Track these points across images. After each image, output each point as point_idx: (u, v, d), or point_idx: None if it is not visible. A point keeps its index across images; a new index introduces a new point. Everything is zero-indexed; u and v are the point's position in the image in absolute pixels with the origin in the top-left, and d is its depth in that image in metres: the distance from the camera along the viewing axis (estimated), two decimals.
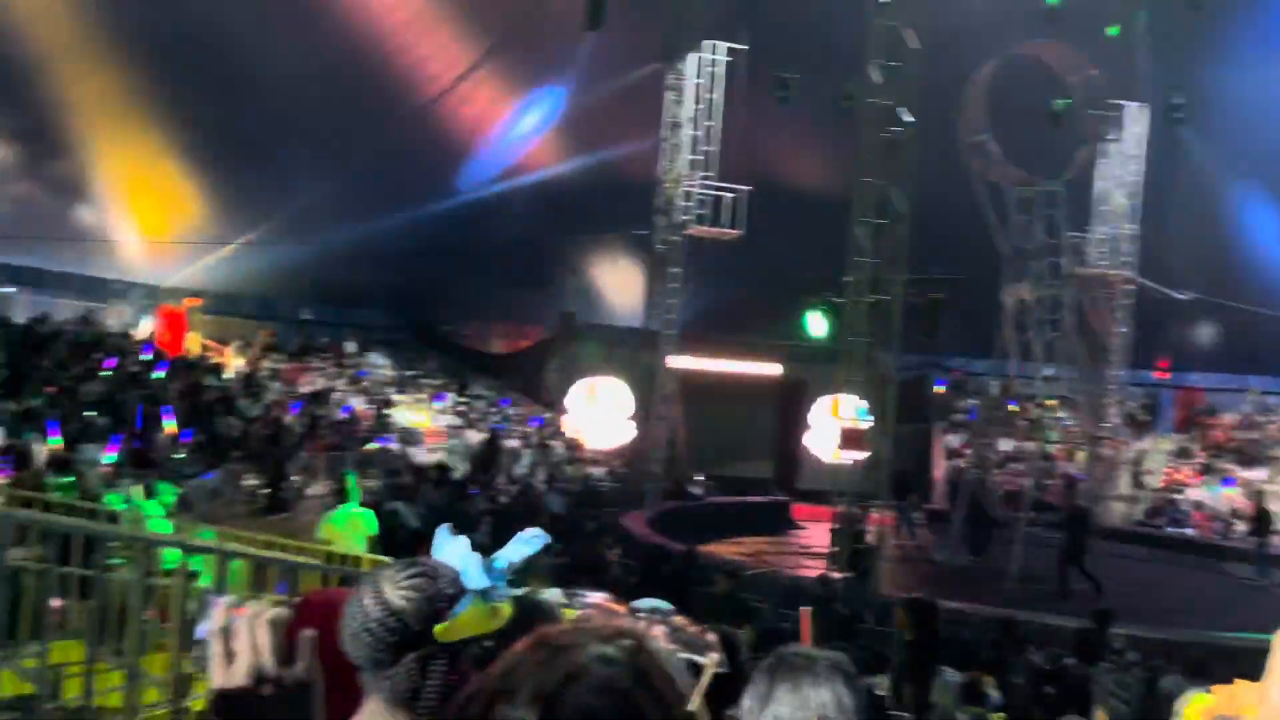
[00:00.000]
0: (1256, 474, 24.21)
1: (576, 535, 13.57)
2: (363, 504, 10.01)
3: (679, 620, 2.21)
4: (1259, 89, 21.75)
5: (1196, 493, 23.36)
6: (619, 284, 25.87)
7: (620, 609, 2.52)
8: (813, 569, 15.21)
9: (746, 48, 18.60)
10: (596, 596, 5.06)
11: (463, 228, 22.78)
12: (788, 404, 24.54)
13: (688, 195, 18.97)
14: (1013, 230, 18.29)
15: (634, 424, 21.82)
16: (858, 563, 13.78)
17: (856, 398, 15.02)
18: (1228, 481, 23.91)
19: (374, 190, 21.64)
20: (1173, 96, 21.39)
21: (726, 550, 16.34)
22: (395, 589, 1.58)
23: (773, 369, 23.86)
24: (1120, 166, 20.98)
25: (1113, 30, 21.15)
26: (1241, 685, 1.84)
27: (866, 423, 15.09)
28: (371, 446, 17.12)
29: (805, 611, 7.37)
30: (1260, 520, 18.18)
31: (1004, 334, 18.07)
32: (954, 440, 26.11)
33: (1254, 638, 10.97)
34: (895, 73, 13.77)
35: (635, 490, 19.19)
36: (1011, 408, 22.05)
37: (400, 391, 21.87)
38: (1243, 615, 12.49)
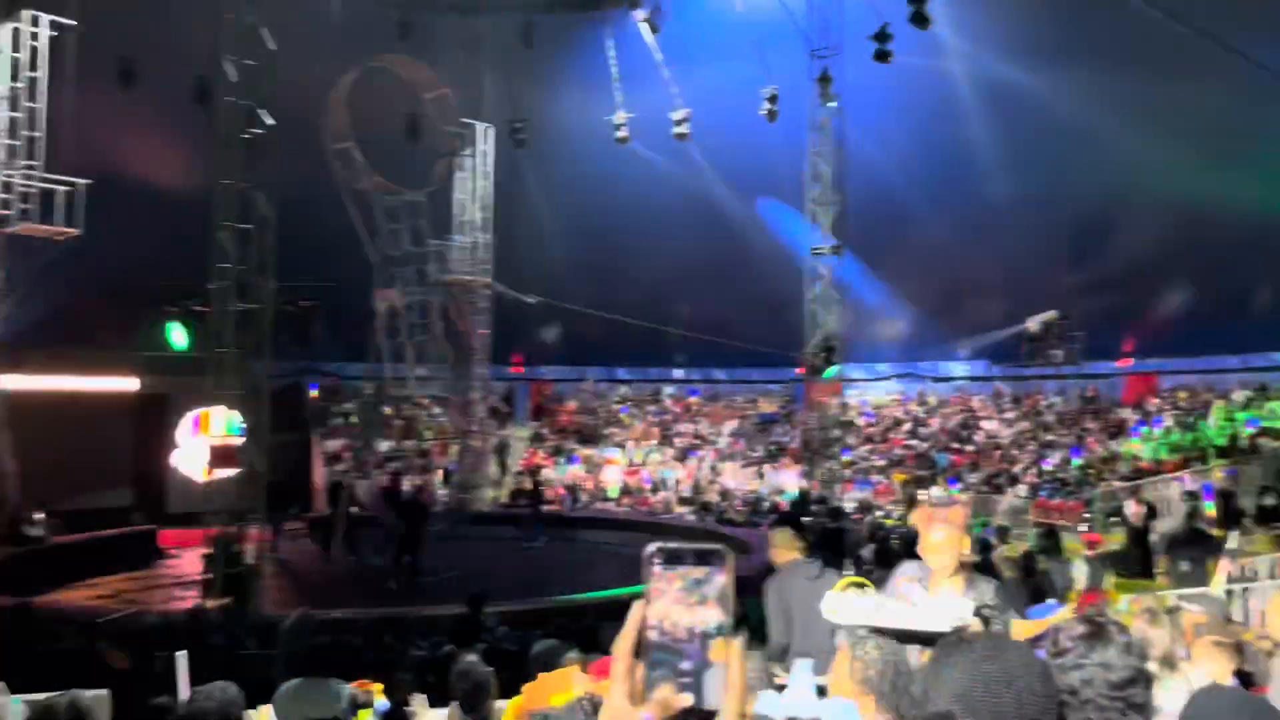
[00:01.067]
0: (592, 450, 28.29)
1: None
2: None
3: None
4: (583, 117, 25.24)
5: (550, 472, 26.48)
6: None
7: None
8: (188, 600, 14.05)
9: (76, 23, 16.33)
10: None
11: None
12: (147, 422, 22.13)
13: (7, 187, 16.09)
14: (381, 238, 18.81)
15: None
16: (235, 586, 13.01)
17: (227, 410, 14.13)
18: (573, 459, 27.59)
19: None
20: (514, 120, 23.97)
21: (79, 596, 14.31)
22: None
23: (127, 383, 21.38)
24: (474, 181, 22.90)
25: (458, 55, 23.02)
26: (553, 677, 2.07)
27: (238, 437, 14.28)
28: None
29: (180, 656, 6.72)
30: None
31: (377, 338, 18.54)
32: (333, 445, 26.13)
33: (600, 595, 12.80)
34: (253, 71, 13.20)
35: None
36: (387, 409, 22.70)
37: None
38: (600, 575, 14.25)
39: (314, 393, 26.80)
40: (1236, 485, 17.23)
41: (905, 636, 3.87)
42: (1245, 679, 4.56)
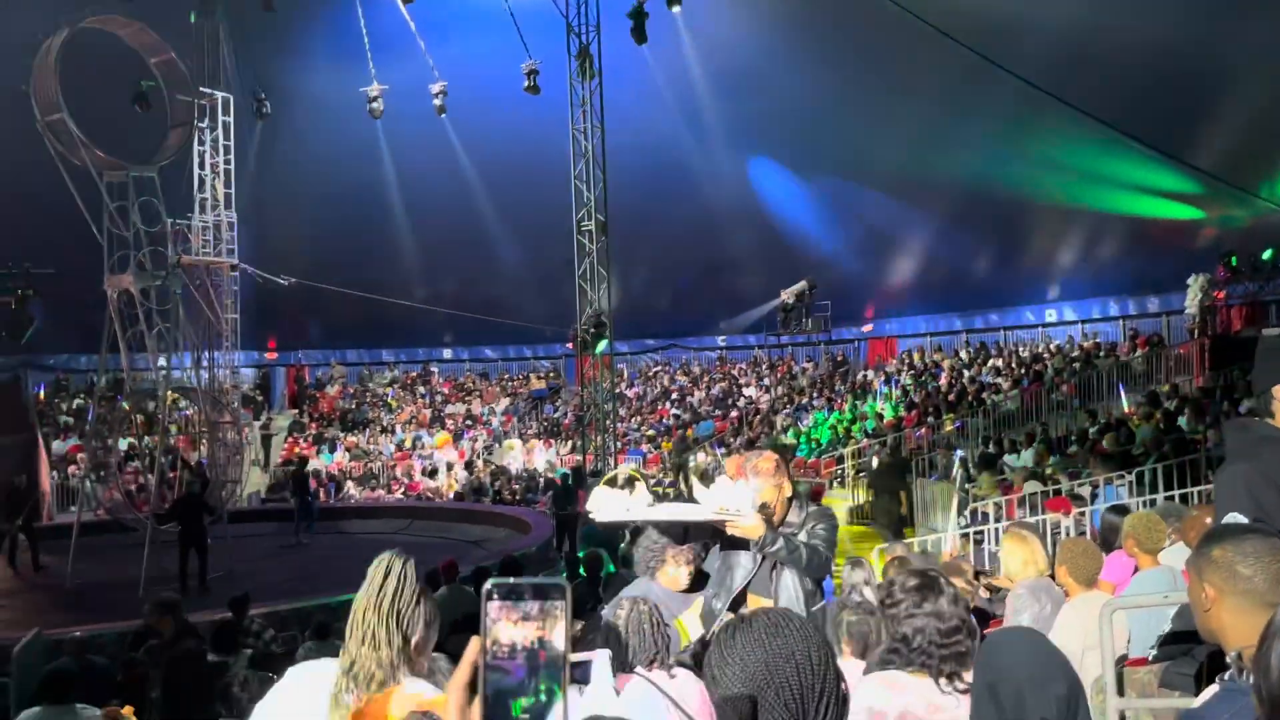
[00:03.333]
0: (358, 437, 27.29)
1: None
2: None
3: None
4: (334, 87, 24.05)
5: (313, 462, 25.28)
6: None
7: None
8: None
9: None
10: None
11: None
12: None
13: None
14: (106, 218, 17.09)
15: None
16: None
17: None
18: (335, 447, 26.50)
19: None
20: (258, 90, 22.47)
21: None
22: None
23: None
24: (214, 155, 21.27)
25: (192, 17, 21.26)
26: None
27: None
28: None
29: None
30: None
31: (110, 327, 16.86)
32: (62, 446, 23.74)
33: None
34: None
35: None
36: (125, 404, 20.80)
37: None
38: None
39: (39, 393, 24.22)
40: (963, 437, 19.07)
41: (672, 528, 4.03)
42: (981, 615, 5.04)
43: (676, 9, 19.69)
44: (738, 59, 24.42)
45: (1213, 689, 2.13)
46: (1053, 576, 5.36)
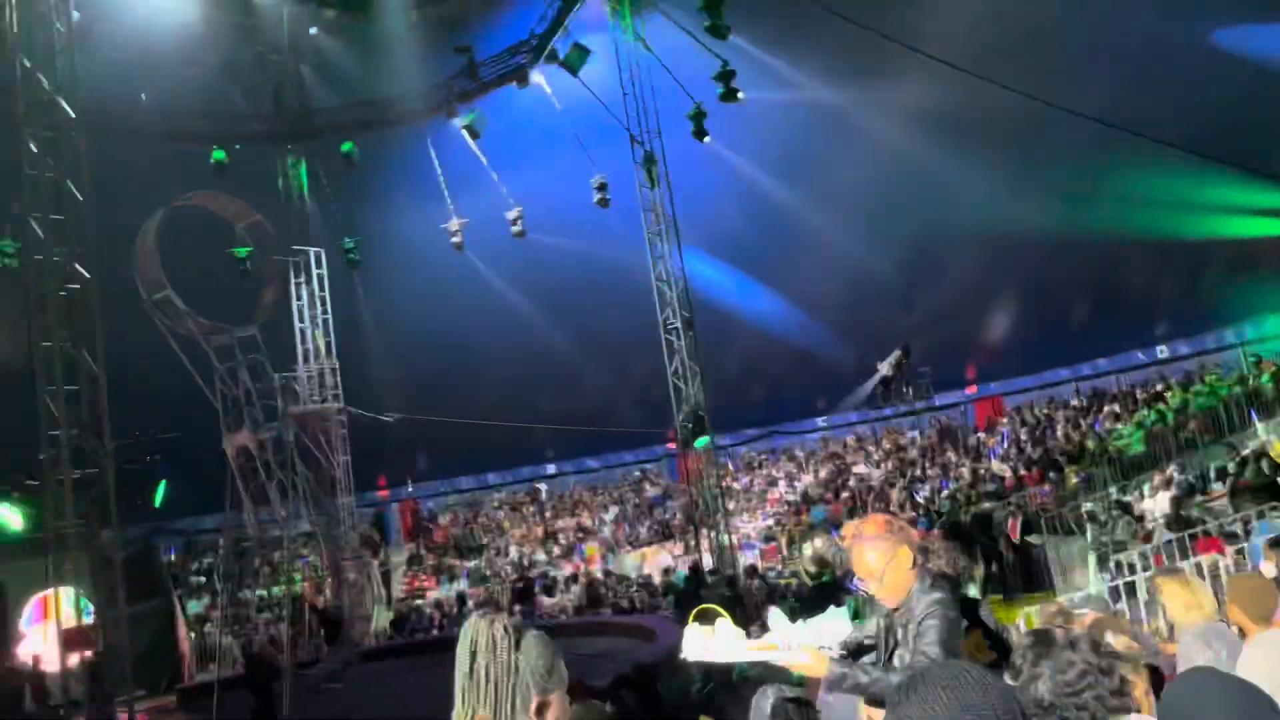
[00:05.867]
0: (474, 562, 27.46)
1: None
2: None
3: None
4: (416, 228, 25.14)
5: (434, 593, 25.50)
6: None
7: None
8: None
9: None
10: None
11: None
12: None
13: None
14: (218, 380, 17.95)
15: None
16: None
17: (72, 589, 12.97)
18: (463, 574, 26.65)
19: None
20: (345, 241, 23.61)
21: None
22: None
23: None
24: (312, 307, 22.30)
25: (279, 183, 22.66)
26: None
27: (89, 616, 13.12)
28: None
29: None
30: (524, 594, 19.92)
31: (232, 484, 17.52)
32: (197, 605, 24.44)
33: None
34: (60, 226, 12.53)
35: None
36: (254, 558, 21.42)
37: None
38: None
39: (171, 557, 25.15)
40: (1089, 489, 18.20)
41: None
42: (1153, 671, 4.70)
43: (739, 98, 19.99)
44: (797, 137, 24.74)
45: None
46: (1223, 620, 5.01)
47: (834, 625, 3.45)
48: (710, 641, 3.22)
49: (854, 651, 3.43)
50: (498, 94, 22.44)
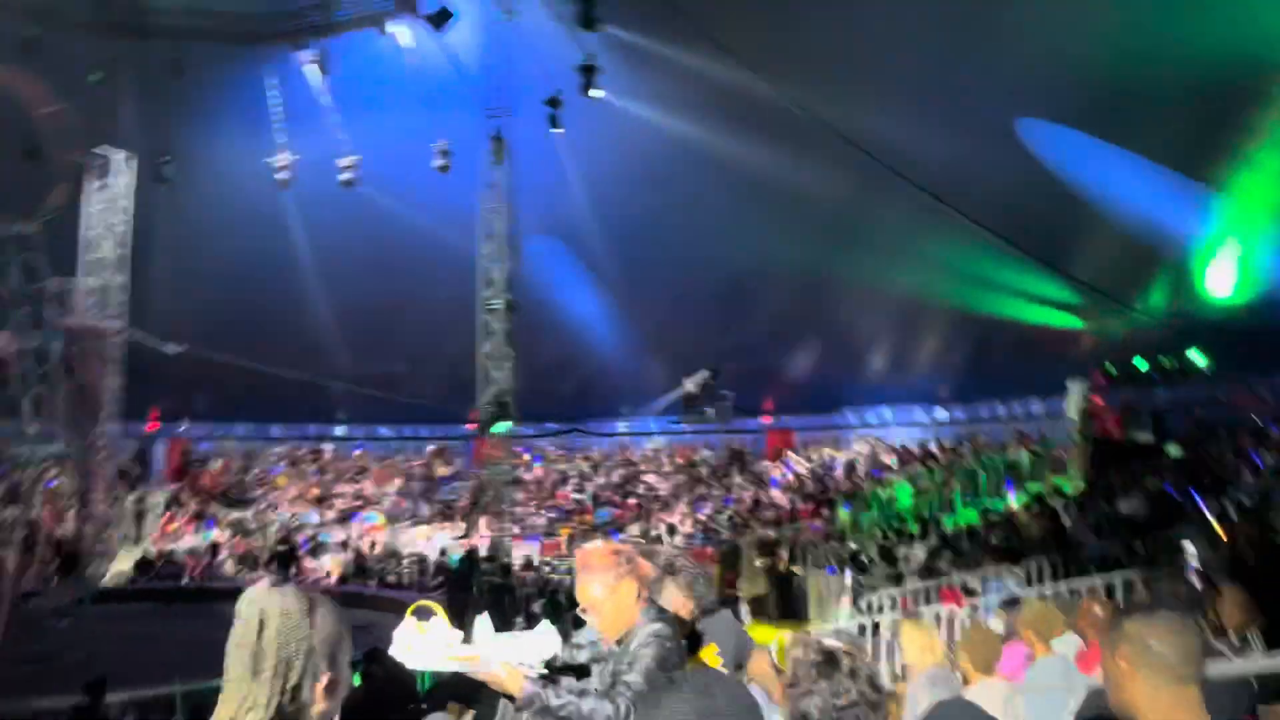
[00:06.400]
0: (239, 514, 26.12)
1: None
2: None
3: None
4: (239, 155, 23.67)
5: (190, 539, 24.04)
6: None
7: None
8: None
9: None
10: None
11: None
12: None
13: None
14: None
15: None
16: None
17: None
18: (209, 524, 25.23)
19: None
20: (160, 152, 21.97)
21: None
22: None
23: None
24: (109, 215, 20.60)
25: (93, 77, 20.80)
26: None
27: None
28: None
29: None
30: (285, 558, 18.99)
31: None
32: None
33: None
34: None
35: None
36: None
37: None
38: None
39: None
40: (859, 530, 19.33)
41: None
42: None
43: (597, 94, 20.03)
44: (648, 150, 25.01)
45: None
46: (951, 665, 5.39)
47: (542, 641, 3.33)
48: (418, 640, 3.02)
49: (559, 671, 3.34)
50: (353, 36, 21.53)
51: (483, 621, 3.19)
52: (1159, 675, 2.11)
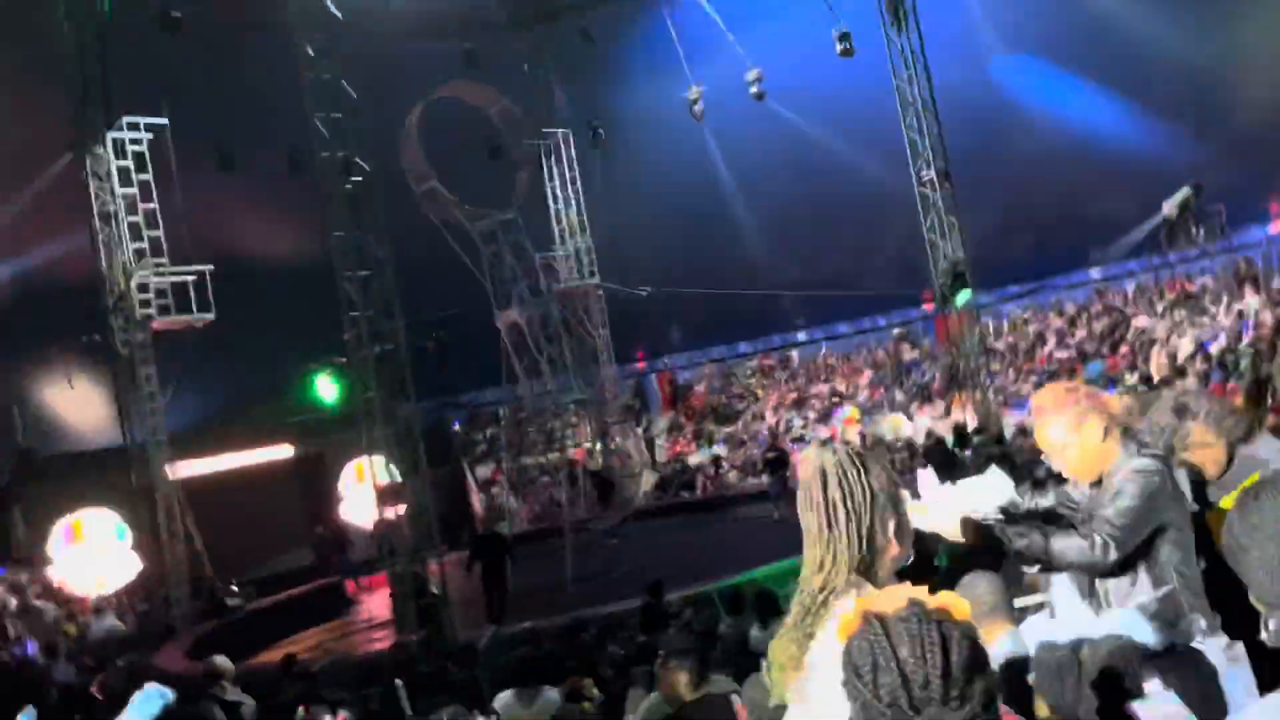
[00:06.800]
0: (731, 428, 28.18)
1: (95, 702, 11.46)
2: None
3: None
4: (658, 102, 25.14)
5: (695, 457, 26.49)
6: (81, 401, 22.50)
7: None
8: (385, 640, 14.60)
9: (167, 121, 17.20)
10: None
11: None
12: (310, 482, 23.24)
13: (143, 287, 17.05)
14: (485, 262, 19.18)
15: (137, 554, 18.99)
16: (426, 618, 13.44)
17: (382, 457, 14.60)
18: (716, 441, 27.53)
19: None
20: (592, 121, 24.04)
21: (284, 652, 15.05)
22: None
23: (284, 451, 22.50)
24: (564, 188, 23.09)
25: (525, 68, 23.28)
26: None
27: (397, 478, 14.74)
28: None
29: (400, 685, 6.97)
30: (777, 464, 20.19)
31: (507, 359, 18.88)
32: (484, 471, 26.76)
33: (773, 568, 12.68)
34: (339, 124, 13.61)
35: (163, 623, 16.95)
36: (529, 427, 23.09)
37: None
38: (762, 550, 14.04)
39: (459, 427, 27.57)
40: None
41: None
42: None
43: None
44: None
45: None
46: None
47: (993, 486, 3.10)
48: (940, 493, 2.92)
49: (1016, 519, 3.12)
50: None
51: (927, 475, 3.11)
52: None
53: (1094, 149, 24.64)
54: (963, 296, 18.00)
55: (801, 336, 32.98)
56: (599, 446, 22.33)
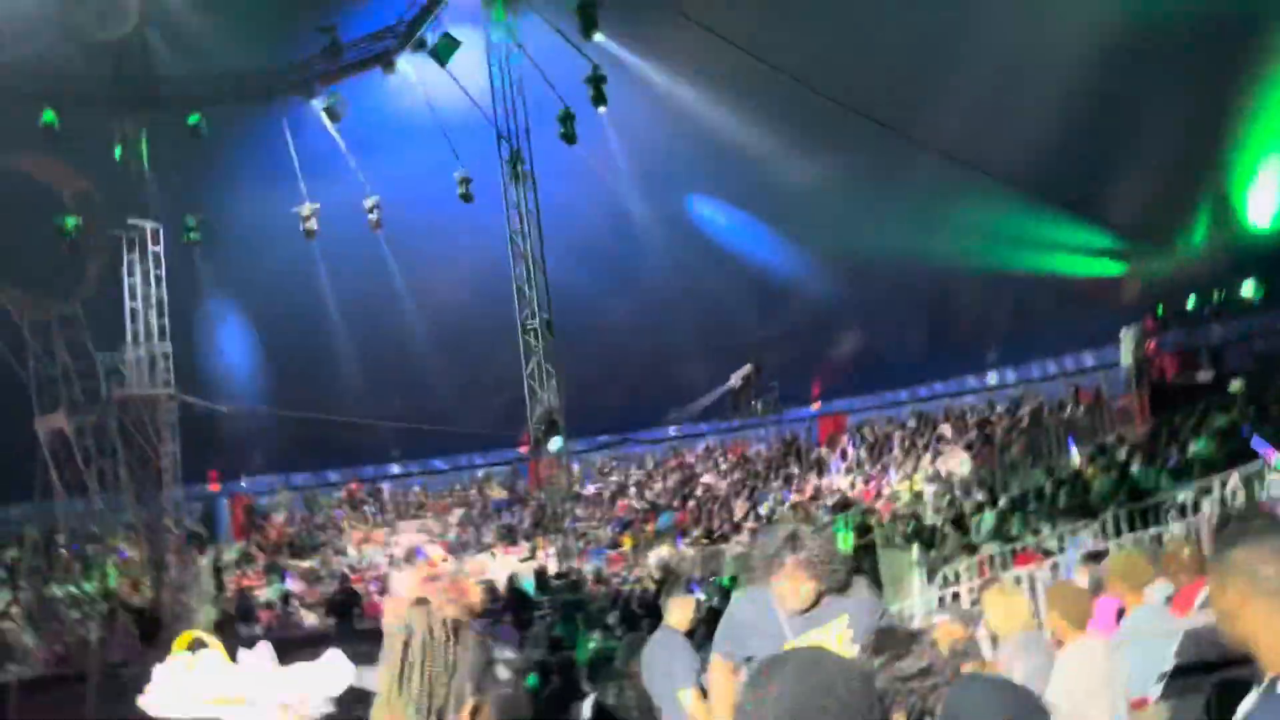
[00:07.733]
0: (309, 562, 26.41)
1: None
2: None
3: None
4: (266, 211, 24.03)
5: (263, 592, 24.33)
6: None
7: None
8: None
9: None
10: None
11: None
12: None
13: None
14: (32, 357, 16.71)
15: None
16: None
17: None
18: (284, 575, 25.50)
19: None
20: (186, 218, 22.34)
21: None
22: None
23: None
24: (145, 285, 20.99)
25: (117, 152, 21.25)
26: None
27: None
28: None
29: None
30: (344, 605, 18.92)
31: (44, 471, 16.28)
32: None
33: None
34: None
35: None
36: (64, 551, 19.94)
37: None
38: None
39: None
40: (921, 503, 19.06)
41: None
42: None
43: (602, 109, 20.16)
44: (663, 152, 25.02)
45: (1251, 699, 2.06)
46: (1040, 626, 5.27)
47: (329, 673, 2.26)
48: (183, 679, 2.06)
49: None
50: (361, 78, 21.77)
51: (260, 651, 2.37)
52: (1273, 600, 2.02)
53: (680, 314, 27.32)
54: (555, 444, 18.70)
55: (395, 469, 32.21)
56: (149, 577, 19.76)
